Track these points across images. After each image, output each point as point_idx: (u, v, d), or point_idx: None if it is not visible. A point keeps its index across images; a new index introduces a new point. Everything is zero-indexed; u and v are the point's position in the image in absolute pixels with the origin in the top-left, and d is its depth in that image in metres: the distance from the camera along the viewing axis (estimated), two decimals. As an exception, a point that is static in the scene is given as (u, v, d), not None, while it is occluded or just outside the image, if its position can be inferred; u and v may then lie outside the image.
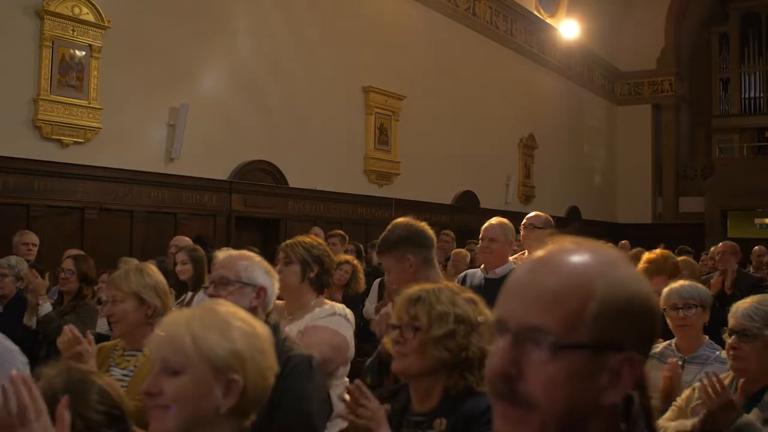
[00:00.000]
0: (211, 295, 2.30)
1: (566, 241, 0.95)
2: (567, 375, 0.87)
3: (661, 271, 3.72)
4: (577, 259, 0.91)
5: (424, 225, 2.93)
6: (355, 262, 6.14)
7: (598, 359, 0.87)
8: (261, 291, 2.35)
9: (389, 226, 2.95)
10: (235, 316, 1.47)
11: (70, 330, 2.32)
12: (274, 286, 2.41)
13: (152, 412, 1.41)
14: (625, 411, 0.94)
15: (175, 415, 1.38)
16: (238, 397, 1.40)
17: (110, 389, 1.54)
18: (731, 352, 2.38)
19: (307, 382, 2.21)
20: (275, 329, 2.28)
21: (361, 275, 6.02)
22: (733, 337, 2.37)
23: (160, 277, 2.65)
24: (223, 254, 2.50)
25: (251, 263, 2.40)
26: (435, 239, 2.97)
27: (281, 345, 2.24)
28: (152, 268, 2.69)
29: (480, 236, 3.88)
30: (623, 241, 10.38)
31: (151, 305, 2.54)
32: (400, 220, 2.98)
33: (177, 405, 1.38)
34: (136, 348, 2.53)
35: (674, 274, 3.71)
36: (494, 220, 3.95)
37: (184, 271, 4.65)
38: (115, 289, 2.54)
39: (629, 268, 0.93)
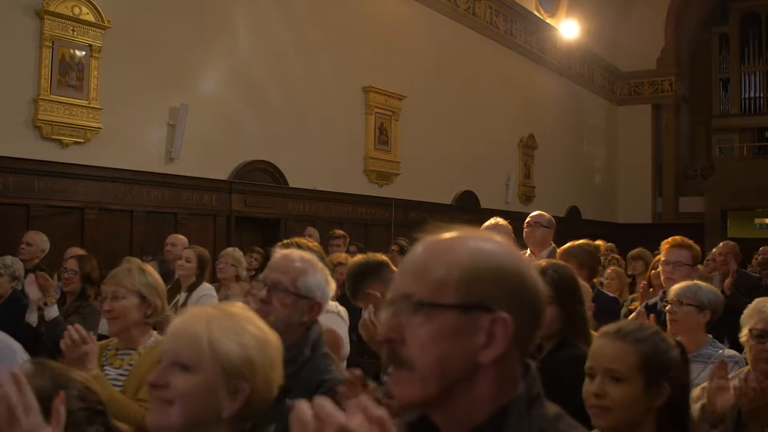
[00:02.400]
0: (263, 300, 2.06)
1: (456, 229, 1.06)
2: (437, 334, 0.98)
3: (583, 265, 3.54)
4: (451, 238, 1.04)
5: (365, 256, 2.94)
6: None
7: (467, 319, 0.98)
8: (316, 306, 2.11)
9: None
10: (251, 322, 1.48)
11: (76, 330, 2.30)
12: (329, 297, 2.18)
13: (155, 404, 1.42)
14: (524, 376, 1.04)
15: (177, 412, 1.38)
16: (243, 404, 1.41)
17: (91, 384, 1.54)
18: None
19: None
20: (316, 345, 2.11)
21: None
22: None
23: (159, 279, 2.68)
24: (282, 253, 2.19)
25: (311, 269, 2.12)
26: (378, 255, 2.97)
27: (319, 362, 2.08)
28: (151, 269, 2.70)
29: None
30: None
31: (151, 304, 2.56)
32: (348, 264, 3.07)
33: (182, 401, 1.38)
34: (130, 347, 2.54)
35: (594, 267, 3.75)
36: (500, 221, 3.91)
37: (188, 269, 4.72)
38: (118, 286, 2.55)
39: (502, 246, 1.05)
